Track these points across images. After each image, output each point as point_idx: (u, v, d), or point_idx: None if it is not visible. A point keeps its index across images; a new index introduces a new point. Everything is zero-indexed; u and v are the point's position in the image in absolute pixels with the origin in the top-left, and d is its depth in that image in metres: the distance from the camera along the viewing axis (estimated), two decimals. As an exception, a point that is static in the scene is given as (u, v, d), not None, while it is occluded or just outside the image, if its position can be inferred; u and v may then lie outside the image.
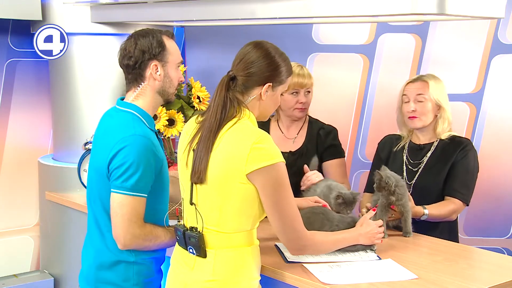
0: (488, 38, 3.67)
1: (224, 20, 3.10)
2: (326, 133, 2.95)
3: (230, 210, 1.92)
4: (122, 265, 2.16)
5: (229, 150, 1.90)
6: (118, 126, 2.13)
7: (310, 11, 2.45)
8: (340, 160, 2.95)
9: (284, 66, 2.01)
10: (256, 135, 1.90)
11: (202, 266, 1.96)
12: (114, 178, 2.07)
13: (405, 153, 2.80)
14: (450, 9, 2.13)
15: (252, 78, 1.98)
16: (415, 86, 2.73)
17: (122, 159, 2.05)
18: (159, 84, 2.19)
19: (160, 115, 3.07)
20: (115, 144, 2.07)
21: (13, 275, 3.67)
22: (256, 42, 2.03)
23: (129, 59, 2.16)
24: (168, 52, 2.19)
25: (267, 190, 1.89)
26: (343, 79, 3.86)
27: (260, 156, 1.87)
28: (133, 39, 2.17)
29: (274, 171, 1.89)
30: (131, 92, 2.21)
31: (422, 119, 2.72)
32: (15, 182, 3.69)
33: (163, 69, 2.18)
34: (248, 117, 1.97)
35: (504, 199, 3.71)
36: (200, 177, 1.93)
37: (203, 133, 1.95)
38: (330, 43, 3.84)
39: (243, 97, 1.99)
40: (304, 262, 2.14)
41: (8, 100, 3.64)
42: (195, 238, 1.95)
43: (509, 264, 2.26)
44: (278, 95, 2.05)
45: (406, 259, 2.22)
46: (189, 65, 3.88)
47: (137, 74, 2.17)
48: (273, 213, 1.92)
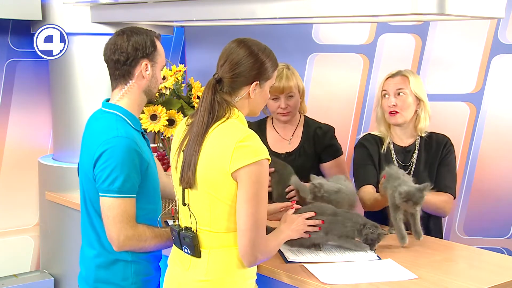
0: (488, 38, 3.67)
1: (224, 20, 3.10)
2: (323, 133, 2.95)
3: (220, 210, 1.91)
4: (120, 264, 2.16)
5: (214, 150, 1.90)
6: (101, 128, 2.13)
7: (310, 11, 2.44)
8: (338, 159, 2.95)
9: (268, 62, 2.00)
10: (240, 133, 1.89)
11: (197, 266, 1.96)
12: (100, 182, 2.07)
13: (393, 156, 2.78)
14: (450, 9, 2.13)
15: (239, 79, 1.97)
16: (395, 81, 2.72)
17: (105, 162, 2.05)
18: (146, 83, 2.18)
19: (160, 115, 3.07)
20: (98, 147, 2.07)
21: (13, 275, 3.67)
22: (238, 40, 2.02)
23: (120, 54, 2.14)
24: (158, 53, 2.20)
25: (247, 186, 1.86)
26: (343, 79, 3.86)
27: (243, 155, 1.86)
28: (125, 36, 2.15)
29: (257, 168, 1.86)
30: (118, 91, 2.19)
31: (403, 114, 2.70)
32: (15, 182, 3.69)
33: (152, 69, 2.18)
34: (236, 117, 1.96)
35: (504, 199, 3.71)
36: (189, 182, 1.93)
37: (191, 137, 1.95)
38: (330, 43, 3.84)
39: (231, 97, 1.98)
40: (304, 262, 2.14)
41: (8, 100, 3.64)
42: (189, 238, 1.95)
43: (509, 264, 2.26)
44: (266, 90, 2.04)
45: (406, 259, 2.22)
46: (189, 65, 3.88)
47: (125, 70, 2.15)
48: (246, 210, 1.86)
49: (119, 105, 2.18)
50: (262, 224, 1.89)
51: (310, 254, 2.22)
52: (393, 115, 2.71)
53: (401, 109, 2.69)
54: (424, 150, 2.75)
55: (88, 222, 2.20)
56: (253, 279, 2.01)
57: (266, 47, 2.03)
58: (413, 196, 2.32)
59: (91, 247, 2.21)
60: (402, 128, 2.77)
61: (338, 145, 2.97)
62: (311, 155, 2.93)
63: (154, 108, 3.03)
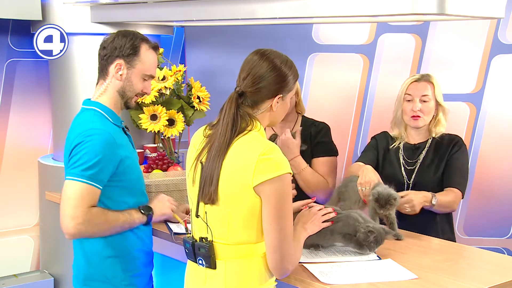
0: (488, 38, 3.67)
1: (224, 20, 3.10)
2: (317, 130, 2.96)
3: (238, 222, 1.89)
4: (108, 261, 2.20)
5: (236, 163, 1.87)
6: (78, 123, 2.22)
7: (310, 11, 2.44)
8: (327, 158, 2.94)
9: (291, 75, 1.98)
10: (263, 146, 1.86)
11: (214, 279, 1.93)
12: (69, 167, 2.14)
13: (401, 154, 2.84)
14: (450, 9, 2.13)
15: (261, 93, 1.95)
16: (420, 86, 2.79)
17: (78, 150, 2.12)
18: (120, 84, 2.28)
19: (160, 115, 3.07)
20: (75, 138, 2.15)
21: (13, 275, 3.67)
22: (260, 52, 1.98)
23: (102, 49, 2.29)
24: (139, 59, 2.27)
25: (271, 201, 1.84)
26: (343, 79, 3.86)
27: (266, 168, 1.83)
28: (114, 35, 2.29)
29: (280, 182, 1.84)
30: (98, 86, 2.31)
31: (425, 118, 2.78)
32: (15, 182, 3.69)
33: (127, 71, 2.26)
34: (258, 129, 1.94)
35: (504, 199, 3.71)
36: (211, 198, 1.90)
37: (212, 151, 1.92)
38: (330, 43, 3.83)
39: (253, 110, 1.96)
40: (304, 262, 2.14)
41: (8, 100, 3.64)
42: (205, 248, 1.93)
43: (509, 264, 2.26)
44: (287, 101, 2.02)
45: (406, 259, 2.22)
46: (189, 65, 3.88)
47: (103, 65, 2.29)
48: (273, 226, 1.85)
49: (98, 101, 2.28)
50: (289, 237, 1.88)
51: (310, 254, 2.22)
52: (415, 119, 2.78)
53: (424, 113, 2.77)
54: (434, 150, 2.80)
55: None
56: (273, 285, 1.99)
57: (288, 59, 2.00)
58: (382, 198, 2.41)
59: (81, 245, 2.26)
60: (418, 130, 2.83)
61: (332, 144, 2.97)
62: (308, 154, 2.93)
63: (154, 108, 3.04)
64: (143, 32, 2.49)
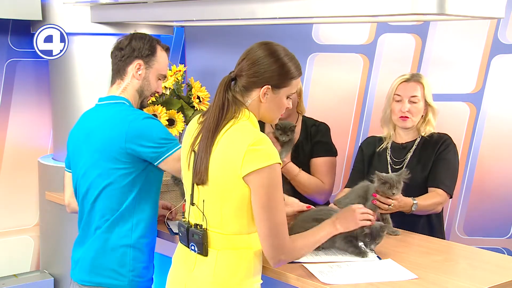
0: (488, 38, 3.67)
1: (224, 20, 3.10)
2: (316, 130, 2.96)
3: (231, 212, 1.91)
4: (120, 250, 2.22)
5: (226, 152, 1.88)
6: (120, 113, 2.25)
7: (310, 11, 2.44)
8: (326, 158, 2.93)
9: (291, 66, 1.95)
10: (252, 136, 1.86)
11: (203, 266, 1.95)
12: (157, 152, 2.20)
13: (388, 153, 2.84)
14: (450, 9, 2.13)
15: (252, 79, 1.93)
16: (409, 87, 2.77)
17: (150, 134, 2.20)
18: (138, 83, 2.34)
19: (160, 115, 3.07)
20: (130, 124, 2.19)
21: (13, 275, 3.67)
22: (262, 41, 1.98)
23: (119, 50, 2.34)
24: (156, 60, 2.36)
25: (260, 191, 1.85)
26: (343, 79, 3.86)
27: (255, 158, 1.84)
28: (130, 37, 2.35)
29: (269, 172, 1.84)
30: (116, 85, 2.35)
31: (413, 119, 2.77)
32: (15, 182, 3.69)
33: (146, 71, 2.34)
34: (247, 118, 1.93)
35: (504, 199, 3.71)
36: (202, 178, 1.91)
37: (203, 134, 1.94)
38: (330, 43, 3.84)
39: (243, 98, 1.95)
40: (304, 262, 2.14)
41: (8, 100, 3.64)
42: (198, 235, 1.94)
43: (509, 264, 2.26)
44: (281, 98, 1.97)
45: (406, 259, 2.22)
46: (189, 65, 3.88)
47: (120, 66, 2.33)
48: (262, 215, 1.86)
49: (124, 97, 2.33)
50: (280, 227, 1.88)
51: (310, 254, 2.22)
52: (404, 119, 2.76)
53: (412, 114, 2.76)
54: (422, 149, 2.78)
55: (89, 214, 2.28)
56: (259, 283, 2.00)
57: (291, 54, 1.98)
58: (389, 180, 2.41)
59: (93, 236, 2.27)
60: (406, 129, 2.82)
61: (332, 144, 2.97)
62: (308, 153, 2.93)
63: (154, 108, 3.03)
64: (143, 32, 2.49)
